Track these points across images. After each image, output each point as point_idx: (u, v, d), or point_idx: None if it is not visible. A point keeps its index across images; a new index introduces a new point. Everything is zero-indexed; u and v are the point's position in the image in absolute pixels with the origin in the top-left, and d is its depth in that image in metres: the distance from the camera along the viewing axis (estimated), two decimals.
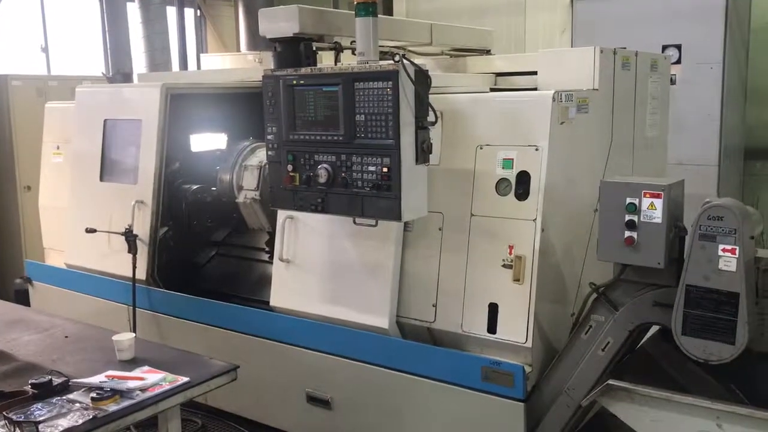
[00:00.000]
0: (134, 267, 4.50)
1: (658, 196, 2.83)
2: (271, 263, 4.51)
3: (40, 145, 5.61)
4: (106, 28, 6.62)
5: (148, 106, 4.54)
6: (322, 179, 3.33)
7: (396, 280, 3.62)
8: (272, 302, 4.10)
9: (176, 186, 4.88)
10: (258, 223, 4.76)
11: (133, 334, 3.01)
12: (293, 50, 3.47)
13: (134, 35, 7.35)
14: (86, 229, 4.71)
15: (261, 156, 4.62)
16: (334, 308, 3.76)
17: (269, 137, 3.51)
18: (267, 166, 4.34)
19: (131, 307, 4.54)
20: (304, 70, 3.38)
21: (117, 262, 4.60)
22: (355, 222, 3.45)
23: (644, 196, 2.84)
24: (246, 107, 4.90)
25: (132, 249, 4.54)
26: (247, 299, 4.70)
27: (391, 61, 3.09)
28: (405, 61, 3.07)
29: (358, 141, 3.22)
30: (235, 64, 7.44)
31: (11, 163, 6.81)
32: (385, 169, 3.13)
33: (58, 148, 5.46)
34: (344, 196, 3.28)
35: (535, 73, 3.89)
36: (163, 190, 4.59)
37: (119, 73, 6.11)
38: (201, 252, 5.17)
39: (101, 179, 4.83)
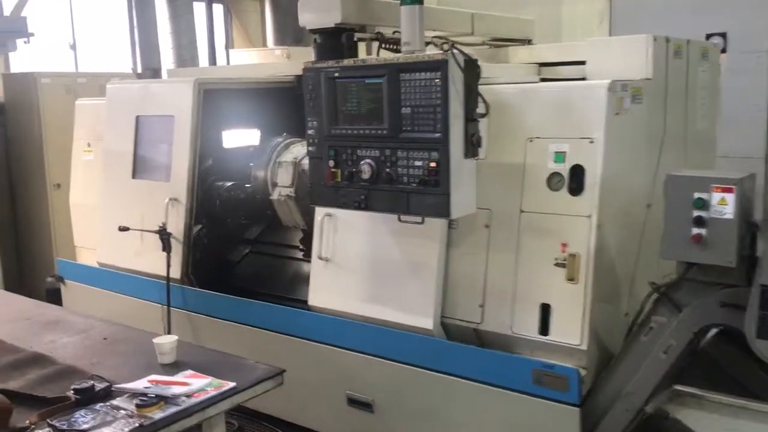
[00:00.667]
0: (168, 265, 4.37)
1: (729, 191, 2.65)
2: (306, 261, 4.46)
3: (70, 143, 5.55)
4: (135, 24, 6.47)
5: (181, 102, 4.43)
6: (366, 175, 3.19)
7: (440, 279, 3.48)
8: (311, 301, 3.97)
9: (209, 183, 4.78)
10: (292, 220, 4.63)
11: (175, 337, 2.89)
12: (334, 41, 3.33)
13: (161, 31, 7.21)
14: (119, 227, 4.61)
15: (295, 152, 4.52)
16: (376, 308, 3.62)
17: (310, 132, 3.37)
18: (302, 162, 4.29)
19: (165, 307, 4.43)
20: (346, 62, 3.24)
21: (150, 260, 4.49)
22: (400, 219, 3.30)
23: (714, 191, 2.66)
24: (278, 102, 4.83)
25: (166, 247, 4.41)
26: (281, 298, 4.57)
27: (440, 51, 2.92)
28: (454, 50, 2.91)
29: (403, 135, 3.07)
30: (262, 59, 7.44)
31: (41, 161, 6.75)
32: (432, 164, 2.99)
33: (89, 145, 5.37)
34: (389, 193, 3.13)
35: (582, 62, 3.71)
36: (197, 187, 4.50)
37: (148, 69, 6.04)
38: (234, 250, 5.04)
39: (133, 176, 4.73)
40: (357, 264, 3.74)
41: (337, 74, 3.24)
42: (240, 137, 4.97)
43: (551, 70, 4.09)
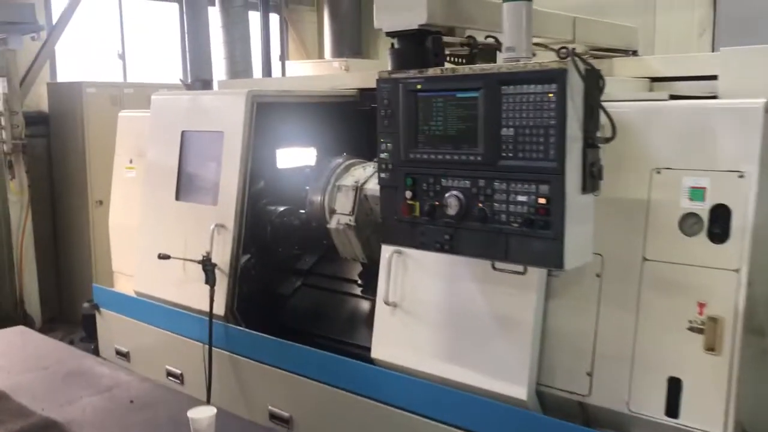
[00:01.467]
0: (211, 301, 3.87)
1: None
2: (365, 298, 4.01)
3: (113, 157, 5.12)
4: (186, 32, 6.02)
5: (232, 116, 3.94)
6: (452, 210, 2.56)
7: (537, 337, 2.85)
8: (374, 353, 3.36)
9: (260, 207, 4.30)
10: (351, 252, 4.05)
11: (213, 410, 2.30)
12: (417, 47, 2.71)
13: (213, 41, 6.78)
14: (159, 254, 4.13)
15: (357, 175, 3.96)
16: (454, 368, 3.02)
17: (383, 156, 2.77)
18: (364, 186, 3.77)
19: (207, 346, 3.93)
20: (432, 72, 2.62)
21: (192, 293, 4.01)
22: (494, 267, 2.67)
23: None
24: (338, 119, 4.38)
25: (210, 280, 3.90)
26: (338, 342, 3.98)
27: (556, 58, 2.28)
28: (575, 57, 2.27)
29: (504, 162, 2.44)
30: (319, 71, 6.93)
31: (83, 176, 6.36)
32: (541, 200, 2.34)
33: (131, 161, 4.90)
34: (481, 234, 2.51)
35: (707, 77, 3.03)
36: (246, 212, 4.02)
37: (198, 80, 5.57)
38: (285, 282, 4.48)
39: (177, 198, 4.26)
40: (432, 313, 3.14)
41: (420, 86, 2.63)
42: (295, 157, 4.48)
43: (666, 86, 3.40)
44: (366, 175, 3.87)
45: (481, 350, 2.98)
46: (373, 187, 3.59)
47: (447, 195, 2.59)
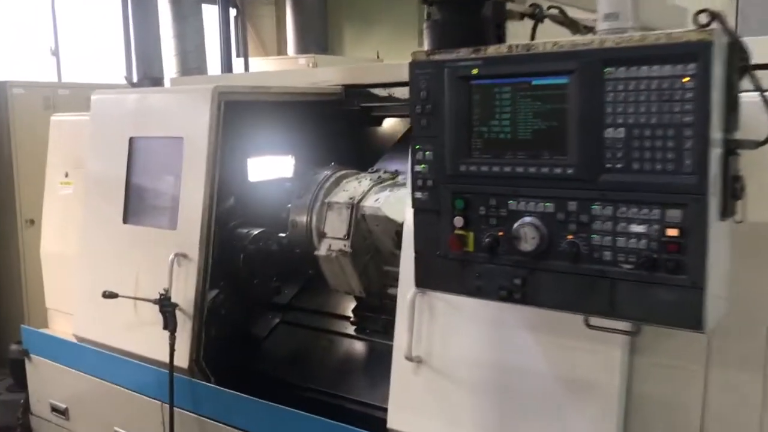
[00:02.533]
0: (172, 350, 3.15)
1: None
2: (361, 339, 3.46)
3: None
4: (131, 24, 5.21)
5: (194, 118, 3.26)
6: (528, 244, 1.81)
7: (621, 408, 2.11)
8: (392, 423, 2.63)
9: (230, 231, 3.62)
10: (345, 283, 3.32)
11: None
12: (469, 16, 1.94)
13: (162, 36, 5.94)
14: (104, 292, 3.33)
15: (351, 190, 3.29)
16: None
17: (419, 169, 2.00)
18: (360, 204, 3.19)
19: (167, 405, 3.22)
20: (494, 50, 1.85)
21: (147, 339, 3.34)
22: (588, 324, 1.92)
23: None
24: (318, 121, 3.79)
25: (169, 324, 3.17)
26: (330, 395, 3.27)
27: (694, 28, 1.54)
28: (720, 25, 1.53)
29: (608, 177, 1.70)
30: (284, 69, 6.18)
31: (11, 191, 5.46)
32: (672, 231, 1.62)
33: (66, 175, 4.05)
34: (573, 278, 1.76)
35: None
36: (214, 237, 3.30)
37: (147, 77, 4.88)
38: (260, 319, 3.81)
39: (125, 220, 3.56)
40: (470, 371, 2.41)
41: (476, 71, 1.86)
42: (269, 167, 3.80)
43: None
44: (362, 189, 3.25)
45: (542, 423, 2.25)
46: (371, 204, 3.12)
47: (518, 223, 1.84)
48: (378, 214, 3.04)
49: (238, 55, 7.40)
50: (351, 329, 3.46)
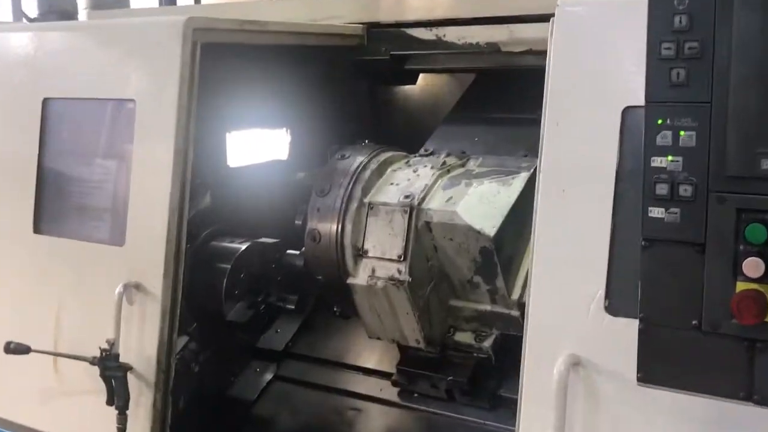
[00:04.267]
0: None
1: None
2: (410, 408, 2.93)
3: None
4: None
5: (156, 70, 2.69)
6: None
7: None
8: None
9: (203, 242, 3.11)
10: (394, 329, 2.76)
11: None
12: None
13: None
14: (7, 345, 2.74)
15: (403, 182, 2.74)
16: None
17: (661, 162, 1.31)
18: (423, 206, 2.68)
19: None
20: None
21: (78, 418, 2.83)
22: None
23: None
24: (324, 78, 3.39)
25: (117, 397, 2.58)
26: None
27: None
28: None
29: None
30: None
31: None
32: None
33: None
34: None
35: None
36: (186, 255, 2.75)
37: (52, 12, 4.09)
38: (246, 373, 3.39)
39: (37, 229, 2.99)
40: None
41: None
42: (255, 146, 3.38)
43: None
44: (422, 183, 2.70)
45: None
46: (440, 206, 2.62)
47: None
48: (454, 221, 2.55)
49: None
50: (392, 393, 2.96)
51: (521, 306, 2.46)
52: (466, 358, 2.71)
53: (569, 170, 1.96)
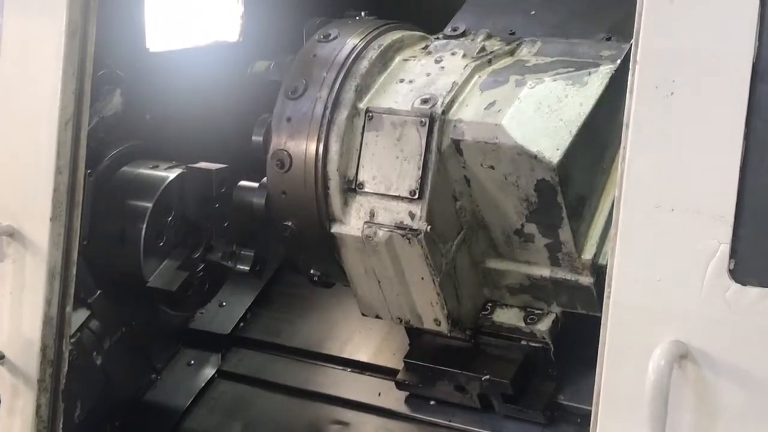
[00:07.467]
0: None
1: None
2: (425, 423, 3.23)
3: None
4: None
5: None
6: None
7: None
8: None
9: (109, 168, 3.42)
10: (403, 304, 3.01)
11: None
12: None
13: None
14: None
15: (420, 77, 2.94)
16: None
17: None
18: (448, 116, 2.87)
19: None
20: None
21: None
22: None
23: None
24: None
25: None
26: None
27: None
28: None
29: None
30: None
31: None
32: None
33: None
34: None
35: None
36: (84, 187, 3.05)
37: None
38: (173, 367, 3.80)
39: None
40: None
41: None
42: (188, 23, 3.70)
43: None
44: (448, 79, 2.85)
45: None
46: (473, 117, 2.76)
47: None
48: (498, 140, 2.66)
49: None
50: (396, 399, 3.23)
51: (597, 270, 2.59)
52: (511, 348, 2.83)
53: (679, 62, 1.97)
